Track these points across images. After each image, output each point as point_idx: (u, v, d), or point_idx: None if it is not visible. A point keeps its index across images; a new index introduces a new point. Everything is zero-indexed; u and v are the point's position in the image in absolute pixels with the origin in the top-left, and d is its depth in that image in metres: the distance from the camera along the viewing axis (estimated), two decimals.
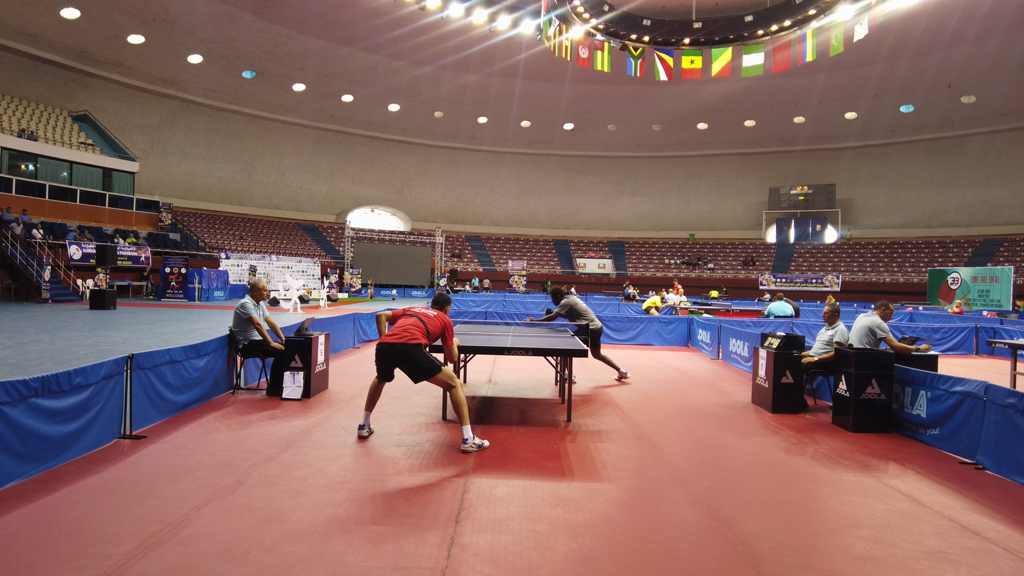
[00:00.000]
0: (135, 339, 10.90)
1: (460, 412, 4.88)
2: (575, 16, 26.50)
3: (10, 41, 27.80)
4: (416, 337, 5.05)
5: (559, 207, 47.39)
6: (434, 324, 5.24)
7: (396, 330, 5.17)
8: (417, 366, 4.98)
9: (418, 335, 5.08)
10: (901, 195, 40.90)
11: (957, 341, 13.36)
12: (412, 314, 5.33)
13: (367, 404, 5.22)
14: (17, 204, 23.50)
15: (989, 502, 3.92)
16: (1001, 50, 29.97)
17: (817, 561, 3.02)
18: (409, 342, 5.01)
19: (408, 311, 5.41)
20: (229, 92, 36.30)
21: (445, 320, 5.35)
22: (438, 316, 5.35)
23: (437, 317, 5.33)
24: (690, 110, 39.80)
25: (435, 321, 5.27)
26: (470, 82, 37.71)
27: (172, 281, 24.48)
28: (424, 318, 5.25)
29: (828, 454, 5.00)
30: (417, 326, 5.14)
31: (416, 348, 5.01)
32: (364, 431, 5.11)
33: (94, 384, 4.39)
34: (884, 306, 6.59)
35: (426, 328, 5.16)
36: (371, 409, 5.24)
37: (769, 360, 6.62)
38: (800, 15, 25.67)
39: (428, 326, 5.18)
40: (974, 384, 4.85)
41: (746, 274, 40.02)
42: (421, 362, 4.97)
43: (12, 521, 3.18)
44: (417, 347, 5.01)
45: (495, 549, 3.03)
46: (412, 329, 5.10)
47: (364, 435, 5.08)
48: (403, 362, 5.02)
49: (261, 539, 3.05)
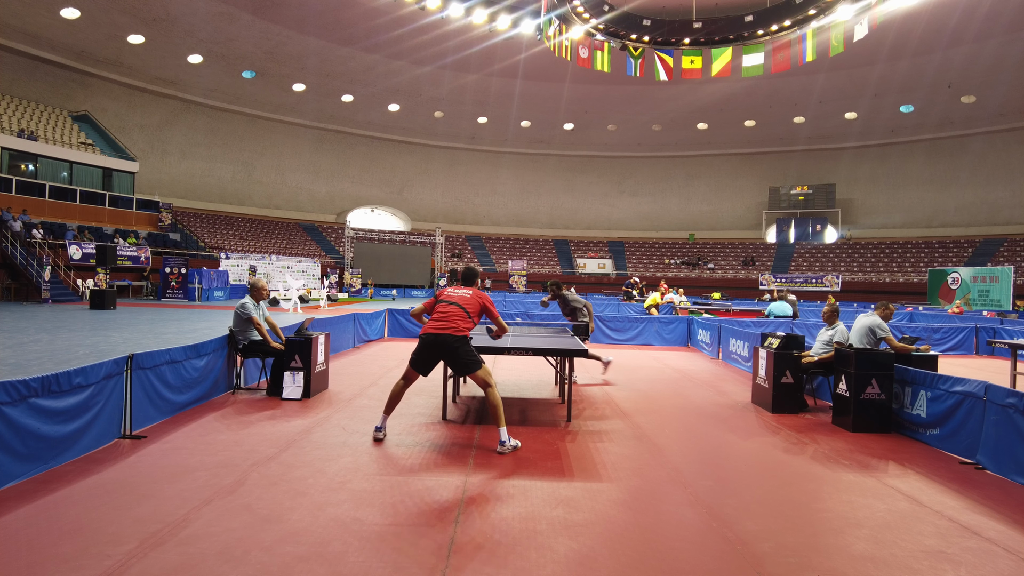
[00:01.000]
0: (135, 339, 10.90)
1: (496, 413, 4.78)
2: (575, 16, 26.50)
3: (10, 41, 27.80)
4: (461, 327, 4.90)
5: (559, 207, 47.38)
6: (473, 304, 5.07)
7: (439, 318, 4.96)
8: (460, 360, 4.86)
9: (462, 324, 4.92)
10: (901, 195, 40.90)
11: (957, 341, 13.35)
12: (450, 299, 5.10)
13: (387, 407, 5.09)
14: (17, 204, 23.50)
15: (989, 502, 3.92)
16: (1001, 50, 29.97)
17: (817, 561, 3.02)
18: (455, 333, 4.86)
19: (442, 294, 5.20)
20: (229, 92, 36.30)
21: (482, 296, 5.17)
22: (474, 294, 5.15)
23: (474, 296, 5.13)
24: (690, 110, 39.80)
25: (473, 301, 5.09)
26: (470, 82, 37.71)
27: (172, 281, 24.48)
28: (462, 302, 5.05)
29: (828, 454, 5.00)
30: (459, 313, 4.96)
31: (462, 340, 4.88)
32: (380, 433, 5.00)
33: (94, 384, 4.39)
34: (884, 306, 6.59)
35: (466, 312, 4.99)
36: (390, 412, 5.11)
37: (769, 360, 6.62)
38: (800, 15, 25.67)
39: (468, 309, 5.02)
40: (974, 384, 4.85)
41: (746, 274, 40.02)
42: (464, 355, 4.86)
43: (12, 521, 3.18)
44: (463, 339, 4.89)
45: (495, 549, 3.03)
46: (455, 318, 4.92)
47: (380, 437, 4.97)
48: (447, 354, 4.89)
49: (261, 539, 3.05)
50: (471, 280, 5.38)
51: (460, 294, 5.16)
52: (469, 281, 5.37)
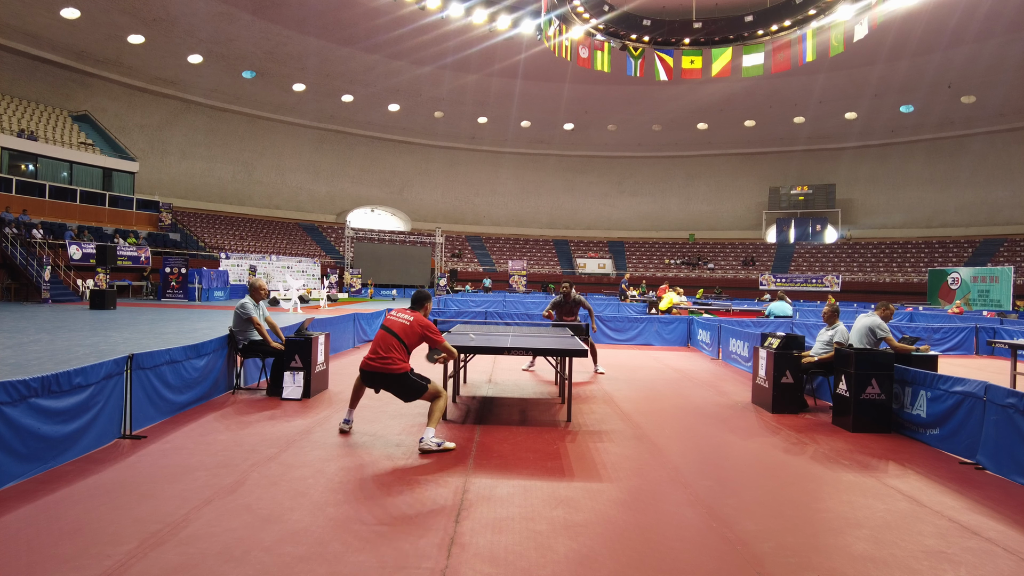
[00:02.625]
0: (135, 339, 10.90)
1: (433, 415, 4.75)
2: (575, 16, 26.50)
3: (10, 41, 27.79)
4: (396, 363, 4.82)
5: (559, 207, 47.38)
6: (411, 334, 4.94)
7: (376, 350, 4.90)
8: (403, 390, 4.87)
9: (398, 357, 4.84)
10: (901, 195, 40.90)
11: (957, 341, 13.35)
12: (388, 326, 4.99)
13: (351, 401, 5.22)
14: (17, 204, 23.49)
15: (989, 502, 3.92)
16: (1001, 50, 29.97)
17: (817, 561, 3.02)
18: (390, 371, 4.81)
19: (386, 319, 5.09)
20: (229, 92, 36.29)
21: (422, 322, 5.01)
22: (414, 321, 5.00)
23: (413, 323, 4.99)
24: (690, 110, 39.79)
25: (411, 329, 4.96)
26: (470, 82, 37.71)
27: (172, 281, 24.47)
28: (400, 330, 4.94)
29: (828, 454, 5.00)
30: (395, 345, 4.87)
31: (399, 378, 4.83)
32: (347, 426, 5.14)
33: (94, 384, 4.39)
34: (884, 306, 6.59)
35: (403, 344, 4.91)
36: (355, 406, 5.23)
37: (769, 360, 6.62)
38: (800, 15, 25.67)
39: (405, 340, 4.91)
40: (974, 384, 4.85)
41: (746, 274, 40.02)
42: (406, 386, 4.85)
43: (12, 521, 3.18)
44: (400, 377, 4.82)
45: (495, 549, 3.03)
46: (392, 351, 4.85)
47: (345, 429, 5.11)
48: (389, 387, 4.91)
49: (261, 539, 3.05)
50: (420, 304, 5.22)
51: (400, 320, 5.03)
52: (418, 304, 5.22)
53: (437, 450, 4.65)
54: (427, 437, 4.69)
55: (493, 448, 4.85)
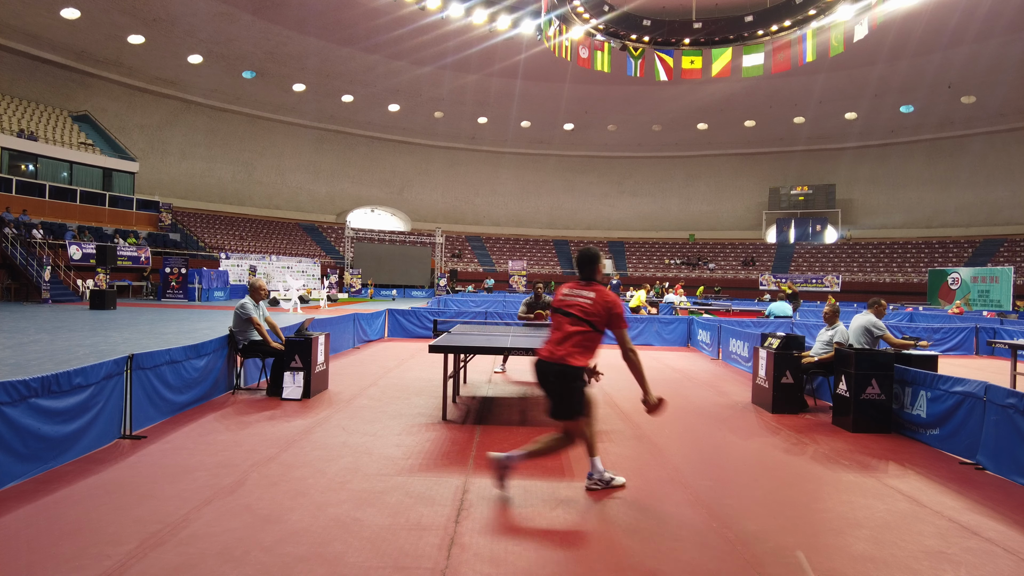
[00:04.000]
0: (135, 339, 10.90)
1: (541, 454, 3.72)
2: (575, 16, 26.50)
3: (10, 41, 27.79)
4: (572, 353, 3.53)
5: (559, 207, 47.38)
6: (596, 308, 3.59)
7: (553, 336, 3.66)
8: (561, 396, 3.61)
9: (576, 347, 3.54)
10: (901, 195, 40.91)
11: (957, 341, 13.35)
12: (566, 305, 3.68)
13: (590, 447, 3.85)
14: (17, 204, 23.50)
15: (989, 502, 3.92)
16: (1001, 50, 29.97)
17: (817, 561, 3.02)
18: (565, 361, 3.54)
19: (558, 298, 3.76)
20: (229, 92, 36.29)
21: (608, 298, 3.62)
22: (597, 297, 3.62)
23: (596, 299, 3.61)
24: (690, 110, 39.79)
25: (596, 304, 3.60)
26: (470, 82, 37.71)
27: (172, 281, 24.48)
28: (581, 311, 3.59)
29: (828, 454, 5.00)
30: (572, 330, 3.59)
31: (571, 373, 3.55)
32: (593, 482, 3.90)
33: (94, 384, 4.39)
34: (877, 304, 6.57)
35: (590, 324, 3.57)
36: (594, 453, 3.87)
37: (769, 360, 6.62)
38: (800, 15, 25.67)
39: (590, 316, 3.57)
40: (974, 384, 4.85)
41: (746, 274, 40.02)
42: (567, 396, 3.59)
43: (12, 521, 3.18)
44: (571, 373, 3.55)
45: (495, 549, 3.03)
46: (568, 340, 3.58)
47: (594, 488, 3.87)
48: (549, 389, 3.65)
49: (261, 539, 3.05)
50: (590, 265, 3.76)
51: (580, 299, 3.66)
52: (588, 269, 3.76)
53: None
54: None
55: (493, 448, 4.84)
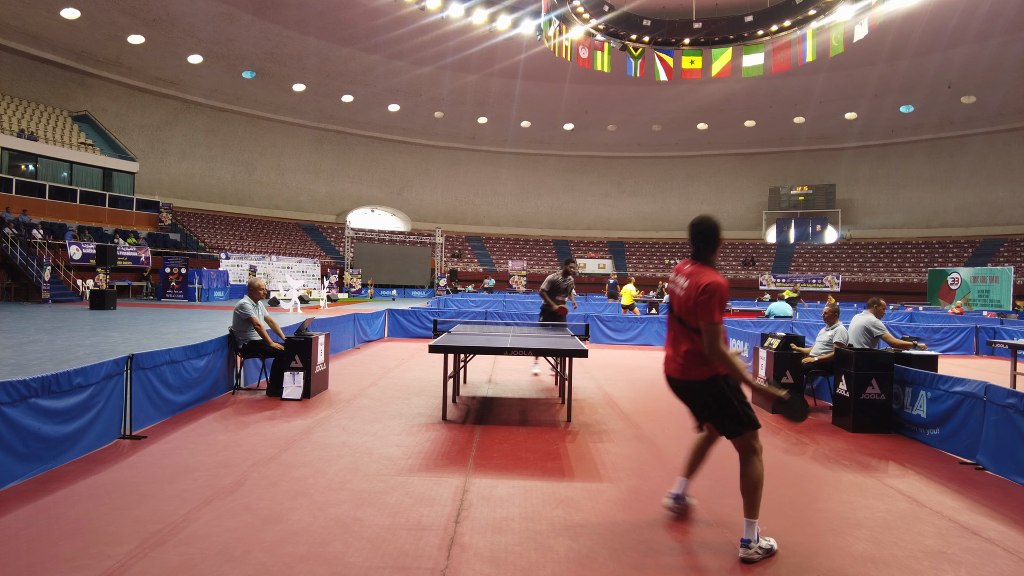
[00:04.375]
0: (135, 339, 10.90)
1: (752, 496, 3.00)
2: (575, 16, 26.51)
3: (10, 41, 27.78)
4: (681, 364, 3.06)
5: (559, 207, 47.38)
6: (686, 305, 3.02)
7: (667, 335, 3.25)
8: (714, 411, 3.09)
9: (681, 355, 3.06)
10: (901, 195, 40.91)
11: (957, 341, 13.35)
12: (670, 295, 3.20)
13: (686, 468, 3.47)
14: (17, 204, 23.49)
15: (989, 502, 3.92)
16: (1001, 50, 29.98)
17: (817, 561, 3.02)
18: (687, 376, 3.07)
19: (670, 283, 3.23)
20: (229, 92, 36.29)
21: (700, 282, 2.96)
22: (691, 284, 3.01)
23: (690, 287, 3.01)
24: (690, 110, 39.80)
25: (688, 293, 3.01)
26: (470, 82, 37.71)
27: (172, 281, 24.48)
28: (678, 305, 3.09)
29: (828, 454, 5.00)
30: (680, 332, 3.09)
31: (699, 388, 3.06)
32: (671, 501, 3.47)
33: (94, 384, 4.39)
34: (876, 303, 6.56)
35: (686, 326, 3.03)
36: (688, 474, 3.46)
37: (769, 360, 6.62)
38: (800, 15, 25.69)
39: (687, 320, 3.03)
40: (974, 384, 4.85)
41: (746, 274, 40.01)
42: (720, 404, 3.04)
43: (12, 521, 3.18)
44: (700, 386, 3.05)
45: (495, 549, 3.03)
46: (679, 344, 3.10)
47: (671, 507, 3.47)
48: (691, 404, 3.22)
49: (261, 539, 3.05)
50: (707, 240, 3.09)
51: (678, 287, 3.12)
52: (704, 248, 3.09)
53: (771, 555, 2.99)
54: (753, 537, 2.95)
55: (493, 448, 4.85)
